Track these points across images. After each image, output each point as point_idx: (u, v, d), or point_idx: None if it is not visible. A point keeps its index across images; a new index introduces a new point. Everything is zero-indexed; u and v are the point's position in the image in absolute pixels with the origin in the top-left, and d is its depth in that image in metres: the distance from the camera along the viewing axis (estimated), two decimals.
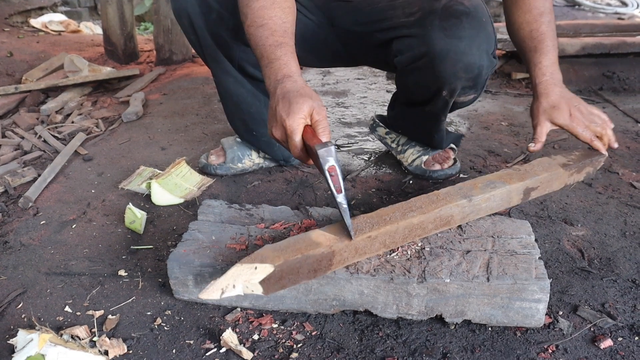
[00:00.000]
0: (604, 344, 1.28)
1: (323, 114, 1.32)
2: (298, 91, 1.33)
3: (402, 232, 1.38)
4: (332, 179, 1.25)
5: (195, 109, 2.98)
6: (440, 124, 1.99)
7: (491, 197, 1.49)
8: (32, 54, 4.16)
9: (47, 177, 2.11)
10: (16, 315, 1.39)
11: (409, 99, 1.99)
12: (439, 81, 1.74)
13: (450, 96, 1.79)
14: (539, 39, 1.66)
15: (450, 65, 1.68)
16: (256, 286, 1.25)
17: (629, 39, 3.51)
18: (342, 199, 1.27)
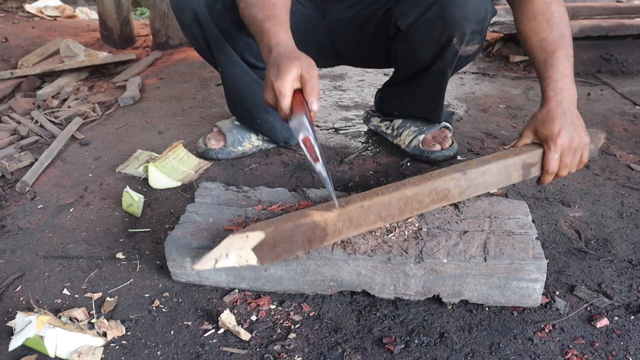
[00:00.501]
0: (600, 323, 1.29)
1: (312, 72, 1.32)
2: (286, 55, 1.34)
3: (396, 204, 1.37)
4: (308, 150, 1.25)
5: (192, 93, 2.97)
6: (444, 86, 2.00)
7: (487, 171, 1.46)
8: (28, 39, 4.14)
9: (44, 162, 2.10)
10: (15, 298, 1.39)
11: (412, 68, 1.99)
12: (450, 27, 1.75)
13: (459, 44, 1.80)
14: (549, 50, 1.54)
15: (460, 8, 1.71)
16: (249, 254, 1.26)
17: (627, 21, 3.50)
18: (321, 167, 1.27)
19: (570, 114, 1.48)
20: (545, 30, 1.56)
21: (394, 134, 2.19)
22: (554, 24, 1.56)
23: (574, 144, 1.47)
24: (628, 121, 2.55)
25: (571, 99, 1.51)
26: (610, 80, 3.24)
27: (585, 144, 1.49)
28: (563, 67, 1.52)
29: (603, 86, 3.14)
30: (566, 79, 1.52)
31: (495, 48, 3.84)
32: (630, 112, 2.68)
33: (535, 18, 1.58)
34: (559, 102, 1.49)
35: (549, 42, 1.55)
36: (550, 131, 1.47)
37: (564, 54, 1.53)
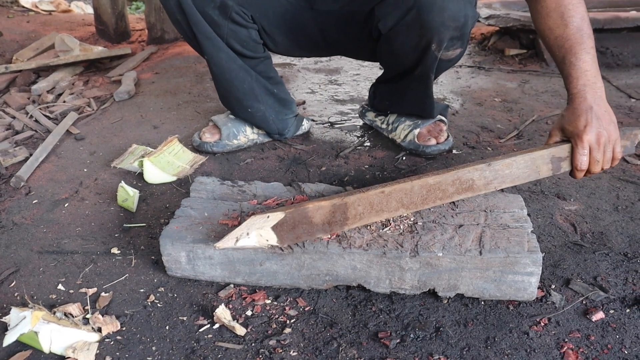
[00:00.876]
0: (596, 316, 1.29)
1: None
2: None
3: (418, 192, 1.39)
4: None
5: (188, 87, 2.96)
6: (430, 88, 1.99)
7: (513, 164, 1.45)
8: (23, 33, 4.12)
9: (39, 157, 2.10)
10: (9, 293, 1.39)
11: (396, 69, 1.99)
12: (428, 33, 1.72)
13: (438, 50, 1.77)
14: (566, 47, 1.51)
15: (438, 14, 1.67)
16: (270, 234, 1.28)
17: (622, 14, 3.49)
18: None
19: (597, 108, 1.46)
20: (560, 26, 1.52)
21: (389, 128, 2.19)
22: (569, 18, 1.51)
23: (602, 139, 1.44)
24: (623, 114, 2.55)
25: (596, 94, 1.48)
26: (605, 73, 3.23)
27: (615, 139, 1.47)
28: (583, 62, 1.49)
29: None
30: (587, 74, 1.48)
31: (491, 41, 3.83)
32: (626, 105, 2.68)
33: (549, 15, 1.54)
34: (583, 98, 1.47)
35: (565, 39, 1.51)
36: (575, 127, 1.45)
37: (582, 48, 1.49)
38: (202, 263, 1.38)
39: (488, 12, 3.74)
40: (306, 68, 3.32)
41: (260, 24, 1.90)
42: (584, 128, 1.44)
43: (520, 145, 2.19)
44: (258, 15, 1.88)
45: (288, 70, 3.28)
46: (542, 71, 3.31)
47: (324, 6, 1.93)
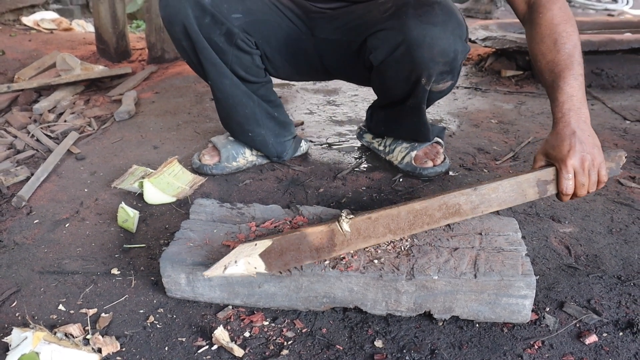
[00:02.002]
0: (589, 339, 1.30)
1: None
2: None
3: (405, 217, 1.41)
4: None
5: (187, 107, 2.99)
6: (424, 116, 2.02)
7: (499, 187, 1.46)
8: (25, 52, 4.16)
9: (40, 176, 2.12)
10: (10, 313, 1.41)
11: (389, 99, 2.03)
12: (418, 68, 1.76)
13: (428, 83, 1.81)
14: (556, 72, 1.52)
15: (427, 50, 1.71)
16: (258, 261, 1.31)
17: (617, 36, 3.54)
18: None
19: (580, 132, 1.46)
20: (552, 52, 1.53)
21: (386, 150, 2.22)
22: (562, 44, 1.53)
23: (586, 163, 1.44)
24: (618, 136, 2.58)
25: (580, 118, 1.48)
26: (600, 94, 3.28)
27: (599, 162, 1.47)
28: (570, 87, 1.50)
29: (594, 101, 3.17)
30: (573, 99, 1.49)
31: (488, 63, 3.88)
32: (621, 126, 2.71)
33: (542, 40, 1.56)
34: (566, 123, 1.47)
35: (556, 64, 1.52)
36: (559, 152, 1.46)
37: (571, 73, 1.50)
38: (201, 285, 1.40)
39: (485, 33, 3.79)
40: (305, 89, 3.36)
41: (262, 49, 1.94)
42: (568, 152, 1.44)
43: (516, 167, 2.22)
44: (261, 42, 1.92)
45: (287, 91, 3.32)
46: (538, 92, 3.34)
47: (324, 34, 1.98)
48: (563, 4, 1.58)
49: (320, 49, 2.01)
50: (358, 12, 1.93)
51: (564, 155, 1.44)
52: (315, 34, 1.99)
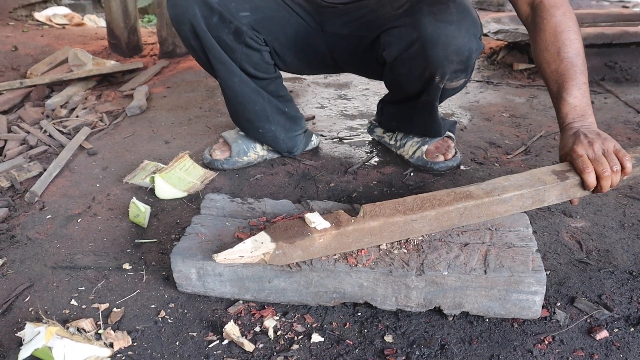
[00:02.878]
0: (600, 335, 1.30)
1: None
2: None
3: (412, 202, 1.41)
4: None
5: (199, 102, 3.00)
6: (436, 112, 2.02)
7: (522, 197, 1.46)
8: (37, 47, 4.18)
9: (52, 172, 2.13)
10: (24, 308, 1.42)
11: (401, 95, 2.02)
12: (432, 66, 1.76)
13: (441, 81, 1.81)
14: (559, 82, 1.56)
15: (442, 49, 1.70)
16: (263, 236, 1.32)
17: (631, 28, 3.51)
18: None
19: (584, 130, 1.49)
20: (556, 61, 1.56)
21: (397, 144, 2.22)
22: (565, 53, 1.55)
23: (595, 145, 1.45)
24: (631, 129, 2.56)
25: (583, 125, 1.52)
26: (614, 88, 3.25)
27: (611, 145, 1.46)
28: (573, 98, 1.53)
29: (607, 94, 3.15)
30: (577, 109, 1.53)
31: (500, 56, 3.85)
32: (634, 120, 2.69)
33: (547, 49, 1.57)
34: (570, 129, 1.52)
35: (559, 74, 1.55)
36: (566, 147, 1.50)
37: (574, 84, 1.53)
38: (212, 280, 1.41)
39: (497, 26, 3.77)
40: (316, 82, 3.35)
41: (271, 46, 1.94)
42: (573, 143, 1.48)
43: (528, 161, 2.21)
44: (270, 38, 1.92)
45: (298, 85, 3.31)
46: None
47: (334, 29, 1.97)
48: (567, 10, 1.59)
49: (330, 44, 2.01)
50: (370, 7, 1.92)
51: (570, 146, 1.47)
52: (325, 29, 1.99)
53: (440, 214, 1.40)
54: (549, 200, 1.49)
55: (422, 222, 1.40)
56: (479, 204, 1.42)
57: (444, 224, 1.42)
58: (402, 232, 1.39)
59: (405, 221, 1.38)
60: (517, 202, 1.45)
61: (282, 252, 1.31)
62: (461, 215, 1.43)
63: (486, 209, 1.44)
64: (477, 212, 1.44)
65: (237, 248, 1.30)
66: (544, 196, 1.47)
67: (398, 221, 1.37)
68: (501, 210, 1.46)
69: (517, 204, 1.46)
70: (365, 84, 3.32)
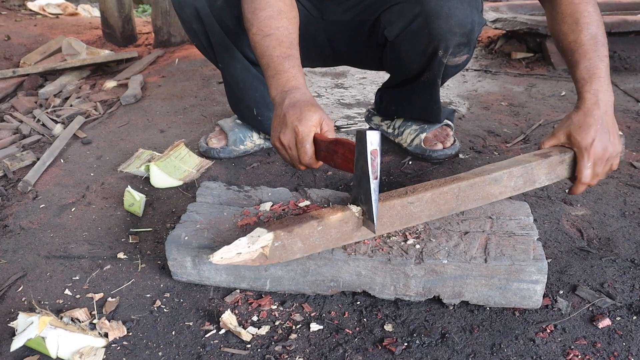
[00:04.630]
0: (602, 323, 1.28)
1: (331, 125, 1.39)
2: (308, 101, 1.39)
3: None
4: (372, 163, 1.23)
5: (194, 91, 2.97)
6: (437, 93, 2.00)
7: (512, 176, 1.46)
8: (30, 37, 4.14)
9: (46, 161, 2.11)
10: (16, 298, 1.40)
11: (403, 76, 1.99)
12: (435, 40, 1.73)
13: (445, 56, 1.78)
14: (580, 52, 1.50)
15: (445, 21, 1.68)
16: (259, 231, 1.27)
17: (630, 17, 3.49)
18: (376, 186, 1.25)
19: (607, 118, 1.45)
20: (575, 32, 1.51)
21: (395, 132, 2.19)
22: (584, 24, 1.51)
23: (607, 154, 1.44)
24: (631, 119, 2.54)
25: (608, 102, 1.47)
26: (613, 77, 3.17)
27: (617, 153, 1.46)
28: (597, 69, 1.48)
29: None
30: (601, 80, 1.48)
31: (498, 45, 3.83)
32: (634, 109, 2.67)
33: (564, 20, 1.54)
34: (596, 104, 1.46)
35: (579, 44, 1.50)
36: (584, 139, 1.44)
37: (596, 55, 1.49)
38: (207, 268, 1.38)
39: (495, 15, 3.74)
40: (312, 72, 3.32)
41: None
42: (592, 141, 1.43)
43: (527, 149, 2.19)
44: None
45: None
46: (549, 75, 3.30)
47: (335, 16, 1.94)
48: None
49: (330, 32, 1.98)
50: None
51: (587, 144, 1.43)
52: (326, 17, 1.96)
53: (435, 195, 1.38)
54: (540, 180, 1.48)
55: (419, 206, 1.37)
56: (471, 183, 1.41)
57: (442, 208, 1.40)
58: (401, 217, 1.36)
59: (403, 204, 1.35)
60: (508, 181, 1.44)
61: (281, 244, 1.27)
62: (457, 197, 1.41)
63: (480, 190, 1.43)
64: (472, 194, 1.43)
65: (233, 245, 1.26)
66: (534, 175, 1.47)
67: (395, 204, 1.35)
68: (495, 191, 1.45)
69: (508, 184, 1.45)
70: (362, 73, 3.29)
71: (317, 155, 1.38)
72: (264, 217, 1.46)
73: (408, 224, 1.39)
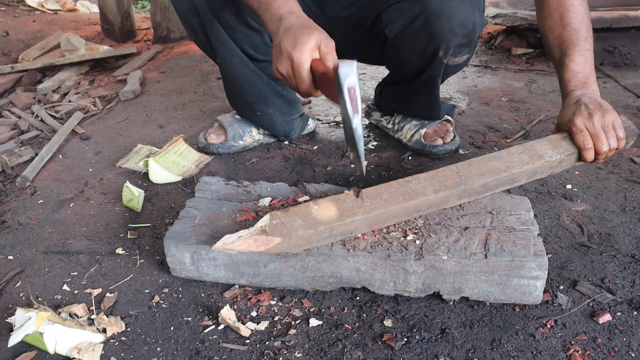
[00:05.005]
0: (603, 318, 1.28)
1: (330, 45, 1.29)
2: (303, 24, 1.30)
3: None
4: (351, 100, 1.17)
5: (193, 86, 2.96)
6: (437, 92, 1.99)
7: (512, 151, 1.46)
8: (29, 33, 4.13)
9: (44, 157, 2.10)
10: (14, 294, 1.39)
11: (403, 74, 1.99)
12: (435, 40, 1.72)
13: (445, 56, 1.78)
14: (562, 49, 1.54)
15: (446, 21, 1.68)
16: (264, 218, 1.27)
17: (631, 12, 3.47)
18: (359, 122, 1.20)
19: (586, 99, 1.47)
20: (559, 27, 1.54)
21: (395, 128, 2.18)
22: (568, 19, 1.53)
23: (594, 117, 1.43)
24: (631, 114, 2.53)
25: (586, 93, 1.50)
26: (613, 72, 3.22)
27: (612, 117, 1.45)
28: (575, 64, 1.52)
29: (606, 79, 3.12)
30: (579, 76, 1.51)
31: (498, 41, 3.82)
32: (634, 104, 2.66)
33: (550, 15, 1.56)
34: (572, 97, 1.50)
35: (562, 40, 1.54)
36: (566, 116, 1.47)
37: (577, 50, 1.52)
38: (206, 264, 1.38)
39: (495, 11, 3.73)
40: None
41: None
42: (574, 114, 1.45)
43: None
44: None
45: None
46: (549, 70, 3.29)
47: (335, 12, 1.93)
48: None
49: (329, 27, 1.96)
50: None
51: (570, 116, 1.45)
52: (325, 12, 1.95)
53: (432, 174, 1.39)
54: (547, 154, 1.46)
55: (418, 183, 1.37)
56: (470, 161, 1.42)
57: (446, 183, 1.38)
58: (404, 194, 1.35)
59: (399, 183, 1.36)
60: (509, 157, 1.44)
61: (280, 222, 1.26)
62: (458, 173, 1.40)
63: (482, 165, 1.43)
64: (474, 169, 1.41)
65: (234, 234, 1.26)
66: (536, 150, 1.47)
67: (393, 183, 1.35)
68: (500, 165, 1.43)
69: (513, 159, 1.44)
70: (362, 69, 3.28)
71: (316, 83, 1.29)
72: (262, 213, 1.45)
73: (414, 199, 1.34)
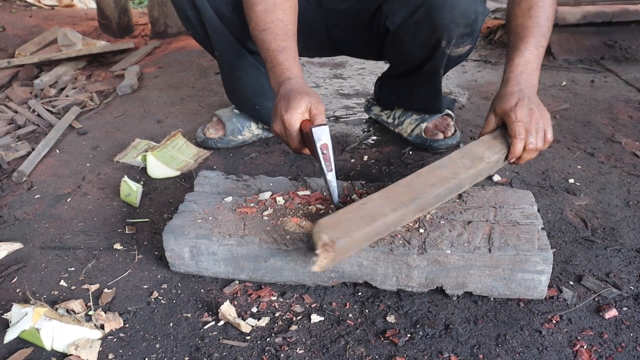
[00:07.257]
0: (609, 314, 1.26)
1: (320, 108, 1.43)
2: (297, 90, 1.44)
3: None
4: (324, 158, 1.38)
5: (191, 81, 2.94)
6: (439, 84, 1.97)
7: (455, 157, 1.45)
8: (25, 28, 4.10)
9: (41, 151, 2.08)
10: (11, 289, 1.37)
11: (404, 66, 1.97)
12: (438, 30, 1.72)
13: (448, 46, 1.77)
14: (520, 35, 1.55)
15: (448, 11, 1.68)
16: None
17: (631, 6, 3.45)
18: (332, 177, 1.41)
19: (528, 92, 1.48)
20: (524, 16, 1.56)
21: (395, 122, 2.16)
22: (535, 12, 1.55)
23: (534, 115, 1.44)
24: (633, 108, 2.51)
25: (529, 83, 1.50)
26: (614, 67, 3.20)
27: (546, 119, 1.46)
28: (529, 53, 1.52)
29: (607, 73, 3.09)
30: (528, 65, 1.52)
31: (497, 35, 3.79)
32: (635, 99, 2.64)
33: (519, 4, 1.58)
34: (516, 82, 1.50)
35: (523, 28, 1.55)
36: (507, 104, 1.46)
37: (534, 41, 1.53)
38: (205, 259, 1.36)
39: (494, 5, 3.71)
40: (311, 62, 3.29)
41: None
42: (516, 104, 1.45)
43: None
44: None
45: None
46: (549, 65, 3.27)
47: (332, 5, 1.91)
48: None
49: (328, 21, 1.95)
50: None
51: (512, 105, 1.45)
52: (323, 5, 1.93)
53: (386, 191, 1.31)
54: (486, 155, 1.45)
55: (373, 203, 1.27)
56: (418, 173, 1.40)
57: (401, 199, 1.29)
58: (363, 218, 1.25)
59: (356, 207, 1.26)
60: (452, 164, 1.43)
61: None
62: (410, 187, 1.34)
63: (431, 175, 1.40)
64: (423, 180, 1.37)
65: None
66: (474, 152, 1.46)
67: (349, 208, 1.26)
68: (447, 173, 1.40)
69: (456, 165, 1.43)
70: (361, 64, 3.25)
71: (305, 141, 1.45)
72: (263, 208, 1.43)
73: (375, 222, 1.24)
